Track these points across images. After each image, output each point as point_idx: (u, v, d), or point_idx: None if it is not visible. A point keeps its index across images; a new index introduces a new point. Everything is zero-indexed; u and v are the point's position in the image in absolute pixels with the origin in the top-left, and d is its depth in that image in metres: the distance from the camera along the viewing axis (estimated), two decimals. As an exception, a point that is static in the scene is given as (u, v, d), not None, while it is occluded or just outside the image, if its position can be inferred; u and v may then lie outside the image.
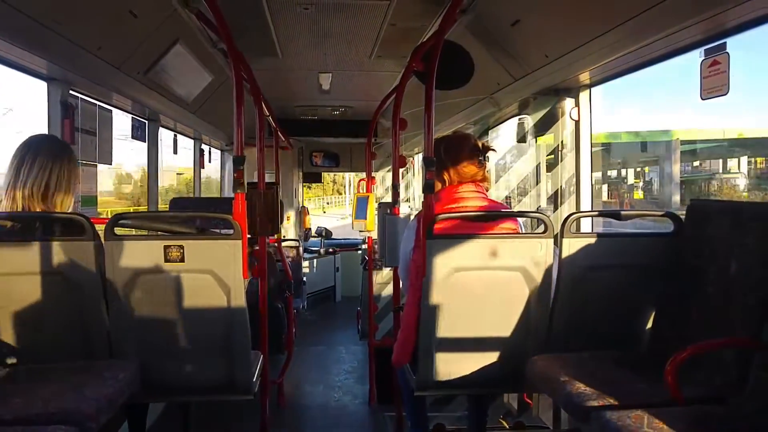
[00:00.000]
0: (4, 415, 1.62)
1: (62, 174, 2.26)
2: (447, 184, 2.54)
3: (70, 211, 2.30)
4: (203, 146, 5.66)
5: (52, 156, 2.24)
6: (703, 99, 2.34)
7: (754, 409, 1.49)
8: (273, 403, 3.92)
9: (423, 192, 2.31)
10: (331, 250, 7.92)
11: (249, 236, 2.55)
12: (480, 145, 2.58)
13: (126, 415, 2.54)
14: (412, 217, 2.87)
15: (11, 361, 2.04)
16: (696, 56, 2.39)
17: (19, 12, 2.08)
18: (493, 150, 2.63)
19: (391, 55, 4.02)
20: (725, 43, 2.23)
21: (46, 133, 2.30)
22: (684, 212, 2.27)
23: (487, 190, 2.60)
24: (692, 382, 1.69)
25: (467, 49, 3.09)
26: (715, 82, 2.28)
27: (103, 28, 2.62)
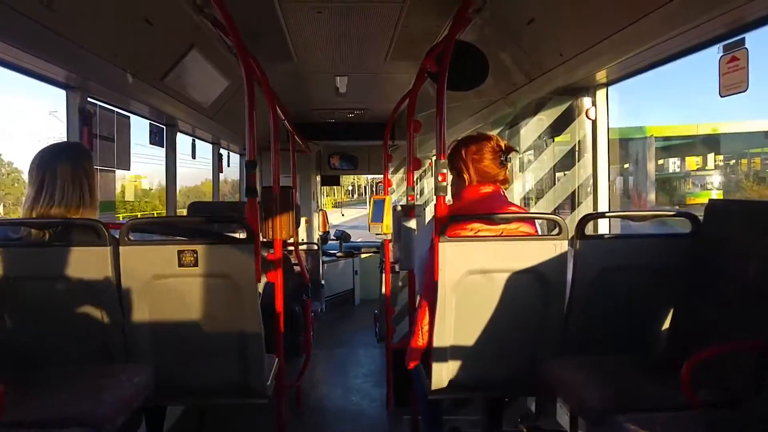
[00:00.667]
0: (23, 418, 1.64)
1: (85, 187, 2.25)
2: (467, 185, 2.51)
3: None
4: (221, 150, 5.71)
5: (72, 173, 2.23)
6: (722, 96, 2.30)
7: (773, 414, 1.45)
8: (291, 406, 3.93)
9: (435, 194, 2.30)
10: (349, 253, 7.92)
11: (264, 240, 2.56)
12: (503, 145, 2.53)
13: (144, 417, 2.57)
14: (428, 219, 2.86)
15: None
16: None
17: (37, 23, 2.12)
18: (516, 150, 2.58)
19: (405, 57, 4.01)
20: (744, 38, 2.19)
21: (65, 141, 2.30)
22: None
23: (506, 190, 2.57)
24: (709, 385, 1.65)
25: (482, 50, 3.07)
26: (734, 79, 2.24)
27: (120, 36, 2.66)
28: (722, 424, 1.47)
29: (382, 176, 5.09)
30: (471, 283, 2.24)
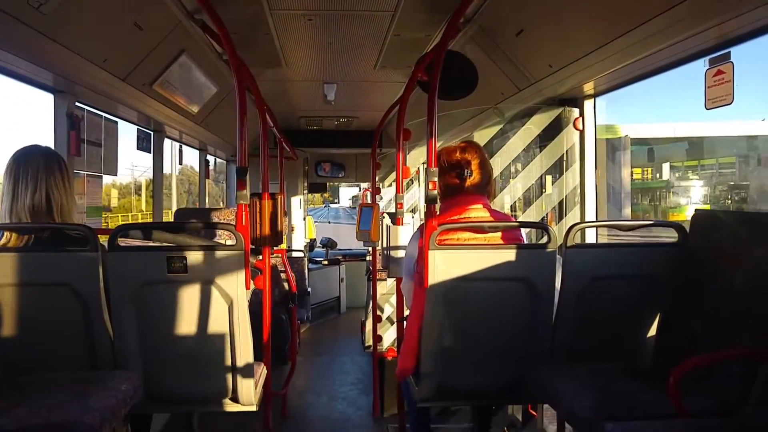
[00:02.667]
0: (8, 426, 1.62)
1: (60, 186, 2.24)
2: (441, 197, 2.53)
3: (73, 221, 2.31)
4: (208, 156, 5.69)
5: (46, 168, 2.22)
6: (707, 108, 2.34)
7: (760, 421, 1.47)
8: (276, 415, 3.90)
9: (426, 202, 2.30)
10: (335, 260, 7.90)
11: (252, 247, 2.55)
12: (453, 160, 2.52)
13: (130, 425, 2.54)
14: (415, 228, 2.87)
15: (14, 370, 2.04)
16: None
17: (26, 26, 2.10)
18: (468, 164, 2.54)
19: (395, 66, 4.04)
20: (729, 52, 2.23)
21: (35, 144, 2.28)
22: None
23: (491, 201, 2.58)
24: (698, 393, 1.67)
25: (471, 59, 3.09)
26: (719, 92, 2.28)
27: (109, 41, 2.65)
28: (712, 432, 1.49)
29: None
30: (460, 291, 2.25)
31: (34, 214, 2.19)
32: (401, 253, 3.04)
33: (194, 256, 2.16)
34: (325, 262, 7.73)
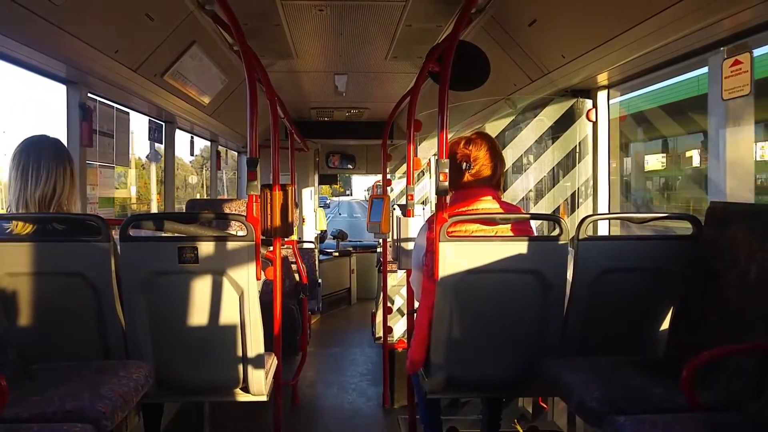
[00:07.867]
0: (22, 413, 1.64)
1: (67, 177, 2.27)
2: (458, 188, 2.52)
3: (78, 211, 2.33)
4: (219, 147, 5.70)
5: (56, 159, 2.25)
6: (725, 100, 2.30)
7: (774, 417, 1.45)
8: (287, 405, 3.92)
9: (436, 194, 2.29)
10: (346, 251, 7.92)
11: (263, 238, 2.56)
12: (458, 154, 2.51)
13: (141, 414, 2.57)
14: (424, 220, 2.86)
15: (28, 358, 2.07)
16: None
17: (40, 17, 2.12)
18: (467, 156, 2.53)
19: (406, 56, 4.02)
20: (747, 42, 2.19)
21: (43, 134, 2.31)
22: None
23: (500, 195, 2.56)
24: (710, 387, 1.66)
25: (484, 50, 3.07)
26: (737, 82, 2.24)
27: (121, 32, 2.65)
28: (724, 427, 1.47)
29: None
30: (470, 283, 2.24)
31: (41, 205, 2.22)
32: (411, 245, 3.04)
33: (205, 247, 2.17)
34: (336, 254, 7.75)
